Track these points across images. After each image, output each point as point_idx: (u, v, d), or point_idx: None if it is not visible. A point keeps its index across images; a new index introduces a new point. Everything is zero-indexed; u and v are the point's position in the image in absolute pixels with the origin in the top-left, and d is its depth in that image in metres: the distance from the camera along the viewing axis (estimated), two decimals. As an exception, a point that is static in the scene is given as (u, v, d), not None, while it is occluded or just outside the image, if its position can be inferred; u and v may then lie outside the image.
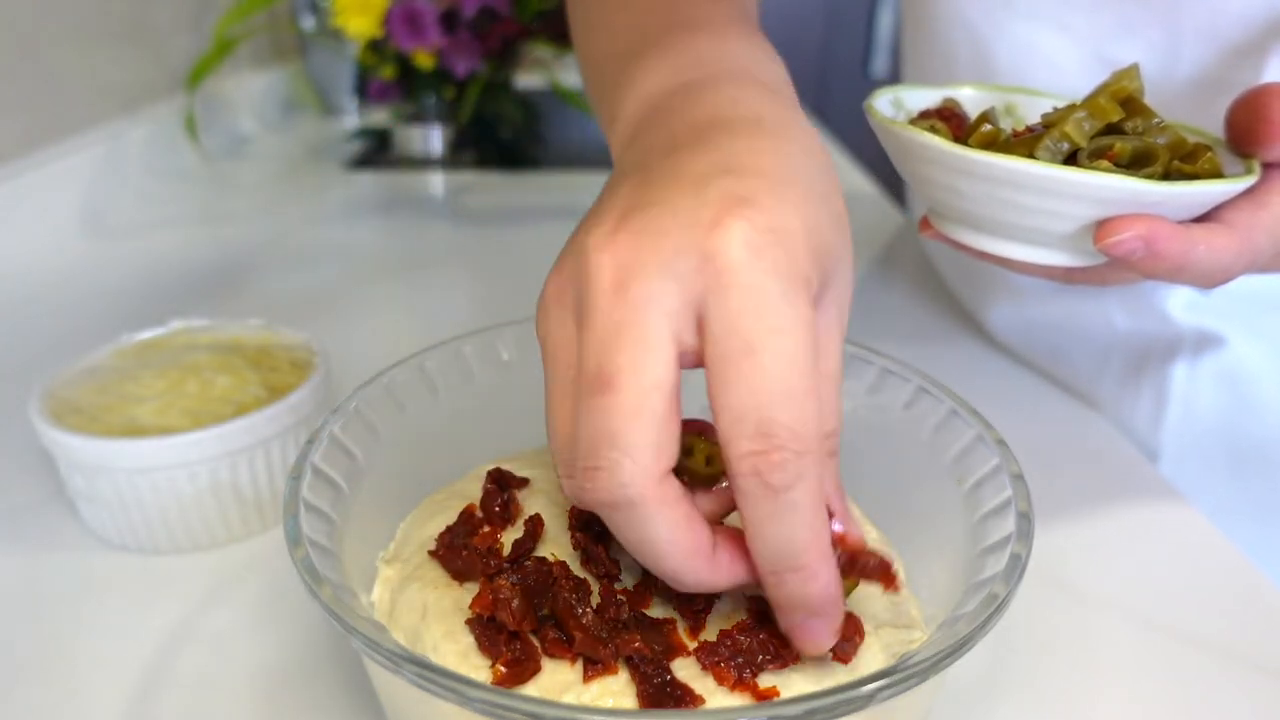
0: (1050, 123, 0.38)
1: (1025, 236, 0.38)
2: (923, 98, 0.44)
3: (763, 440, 0.25)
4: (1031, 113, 0.44)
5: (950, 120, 0.41)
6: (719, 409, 0.26)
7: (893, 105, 0.43)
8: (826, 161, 0.31)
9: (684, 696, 0.28)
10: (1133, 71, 0.38)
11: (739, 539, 0.29)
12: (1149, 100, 0.39)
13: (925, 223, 0.42)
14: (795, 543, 0.27)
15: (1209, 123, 0.41)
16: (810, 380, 0.26)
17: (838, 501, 0.30)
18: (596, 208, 0.30)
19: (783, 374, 0.26)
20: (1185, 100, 0.50)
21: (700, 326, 0.27)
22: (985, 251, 0.39)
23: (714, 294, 0.26)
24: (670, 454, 0.27)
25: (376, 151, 1.22)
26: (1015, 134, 0.39)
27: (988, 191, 0.36)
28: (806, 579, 0.27)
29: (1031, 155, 0.36)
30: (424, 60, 1.08)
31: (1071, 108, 0.38)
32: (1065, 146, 0.36)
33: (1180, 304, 0.56)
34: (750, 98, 0.34)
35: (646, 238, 0.27)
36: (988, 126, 0.38)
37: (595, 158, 1.19)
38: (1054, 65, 0.55)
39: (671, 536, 0.27)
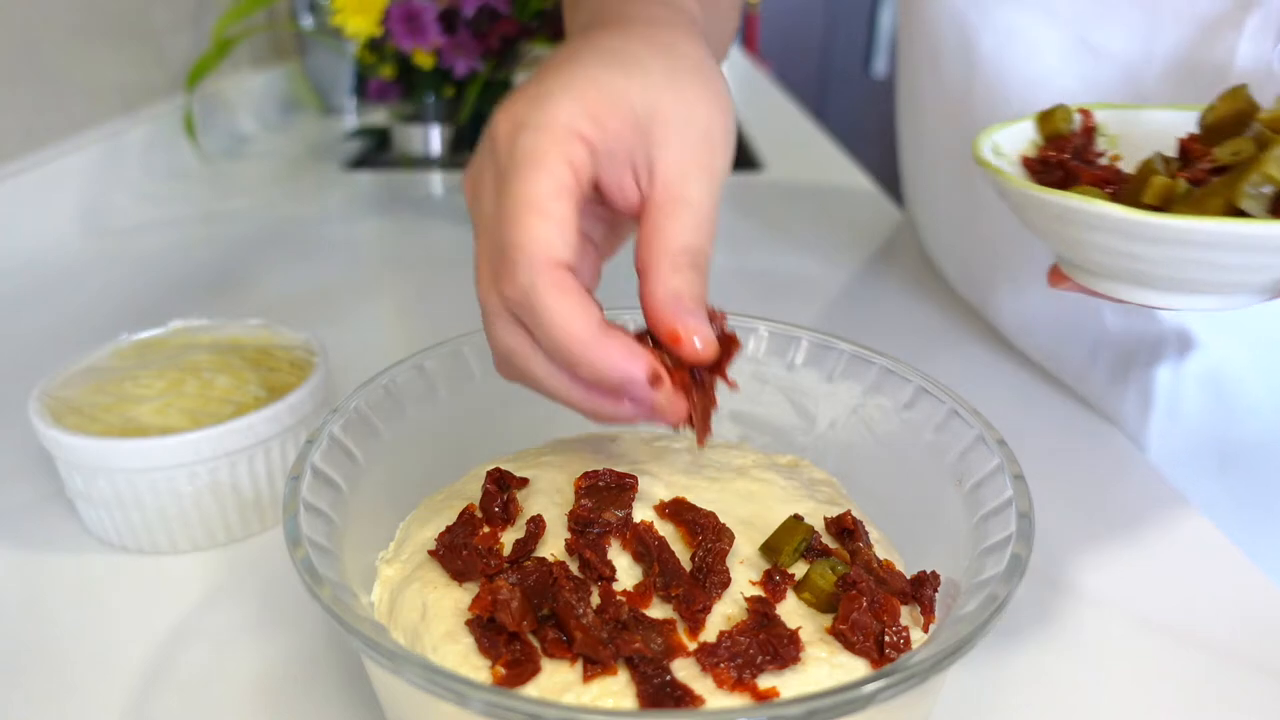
0: (1237, 160, 0.34)
1: (1207, 289, 0.35)
2: (1013, 134, 0.42)
3: (499, 264, 0.31)
4: (1126, 127, 0.43)
5: (1067, 150, 0.39)
6: None
7: (993, 153, 0.40)
8: (681, 55, 0.36)
9: (684, 697, 0.28)
10: None
11: (630, 337, 0.32)
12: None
13: (1058, 275, 0.39)
14: (562, 343, 0.31)
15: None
16: (533, 205, 0.31)
17: (674, 304, 0.33)
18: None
19: (510, 205, 0.31)
20: (1164, 81, 0.50)
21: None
22: (1148, 304, 0.36)
23: (490, 156, 0.33)
24: (561, 249, 0.31)
25: (376, 151, 1.22)
26: (1184, 176, 0.35)
27: (1177, 254, 0.33)
28: (593, 367, 0.31)
29: (1233, 204, 0.33)
30: (423, 60, 1.08)
31: (1263, 140, 0.34)
32: (1269, 190, 0.33)
33: None
34: (634, 9, 0.39)
35: (526, 100, 0.33)
36: (1157, 177, 0.35)
37: (595, 157, 1.19)
38: (1035, 50, 0.56)
39: (564, 311, 0.30)
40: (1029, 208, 0.37)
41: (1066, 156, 0.40)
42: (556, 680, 0.29)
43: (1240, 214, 0.33)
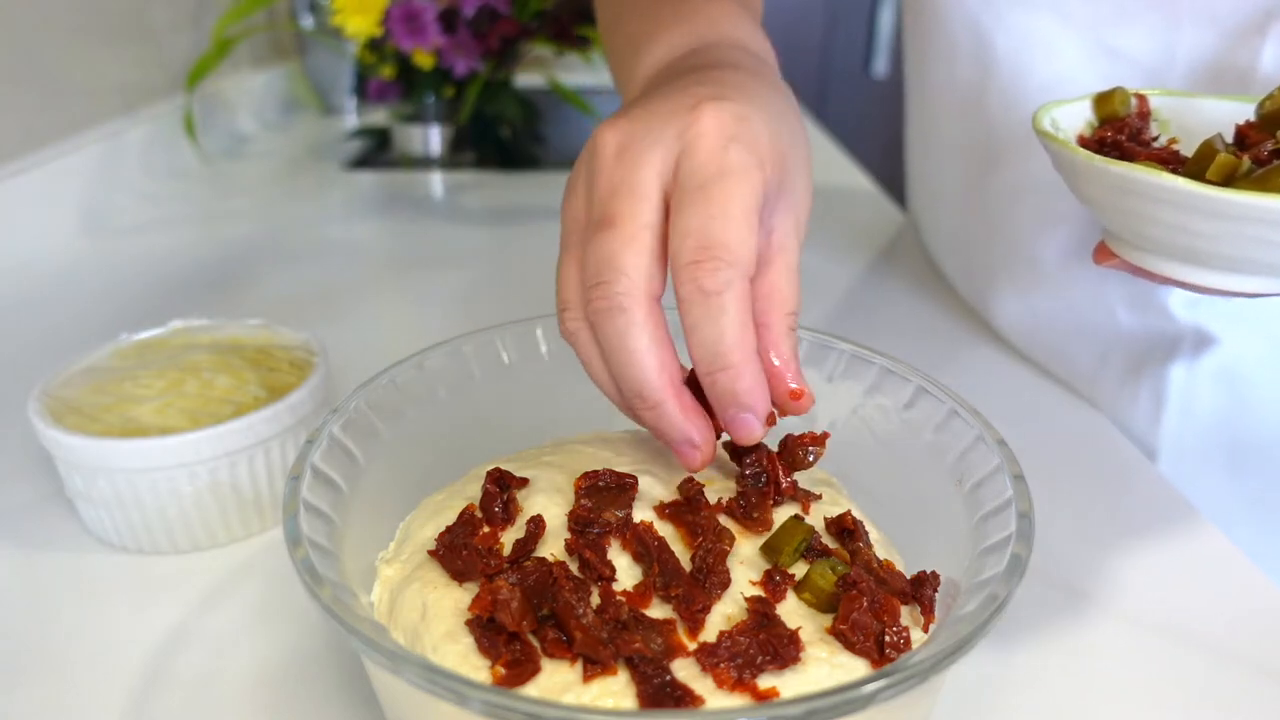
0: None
1: (1260, 270, 0.35)
2: (1070, 113, 0.42)
3: (701, 252, 0.31)
4: (1180, 114, 0.42)
5: (1123, 132, 0.39)
6: (673, 234, 0.32)
7: (1052, 128, 0.40)
8: (793, 106, 0.39)
9: (684, 697, 0.28)
10: None
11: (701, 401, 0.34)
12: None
13: (1104, 251, 0.39)
14: (723, 342, 0.32)
15: None
16: (747, 216, 0.32)
17: (794, 363, 0.35)
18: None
19: (724, 204, 0.32)
20: (1186, 84, 0.50)
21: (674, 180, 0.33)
22: (1195, 284, 0.36)
23: (685, 152, 0.33)
24: (659, 284, 0.33)
25: (375, 151, 1.22)
26: (1246, 156, 0.35)
27: (1239, 231, 0.33)
28: (734, 377, 0.32)
29: None
30: (423, 60, 1.08)
31: None
32: None
33: (1180, 300, 0.56)
34: (742, 58, 0.42)
35: (640, 120, 0.34)
36: (1220, 154, 0.35)
37: (595, 157, 1.19)
38: (1053, 52, 0.55)
39: (649, 348, 0.32)
40: (1091, 179, 0.37)
41: (1122, 138, 0.40)
42: (556, 680, 0.29)
43: None
